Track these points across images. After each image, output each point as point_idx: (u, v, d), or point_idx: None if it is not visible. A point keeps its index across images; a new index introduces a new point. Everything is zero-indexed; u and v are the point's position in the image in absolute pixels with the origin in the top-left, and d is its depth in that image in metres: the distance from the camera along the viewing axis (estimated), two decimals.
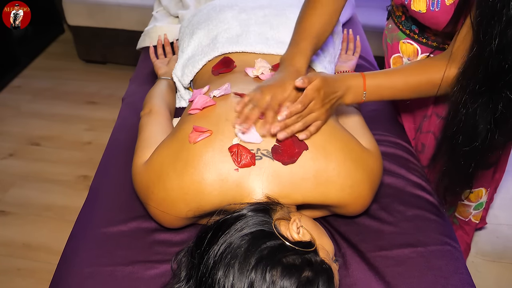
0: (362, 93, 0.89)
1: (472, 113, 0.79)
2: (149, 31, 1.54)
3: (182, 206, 0.85)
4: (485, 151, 0.84)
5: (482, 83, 0.77)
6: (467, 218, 1.33)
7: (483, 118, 0.78)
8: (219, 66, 1.10)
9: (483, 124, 0.79)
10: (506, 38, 0.71)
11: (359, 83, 0.89)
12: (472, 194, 1.25)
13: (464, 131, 0.82)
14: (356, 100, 0.90)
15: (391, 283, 0.87)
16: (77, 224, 1.02)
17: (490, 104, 0.77)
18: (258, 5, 1.28)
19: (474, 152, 0.83)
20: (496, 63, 0.74)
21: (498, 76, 0.74)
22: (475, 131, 0.80)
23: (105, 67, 2.74)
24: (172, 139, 0.90)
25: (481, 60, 0.76)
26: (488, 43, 0.73)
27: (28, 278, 1.60)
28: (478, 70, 0.76)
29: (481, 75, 0.76)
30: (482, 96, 0.77)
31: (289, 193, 0.83)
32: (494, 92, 0.76)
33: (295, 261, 0.69)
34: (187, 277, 0.77)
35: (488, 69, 0.75)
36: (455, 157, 0.86)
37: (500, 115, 0.78)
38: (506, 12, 0.69)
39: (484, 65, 0.75)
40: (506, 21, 0.69)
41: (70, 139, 2.22)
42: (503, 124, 0.80)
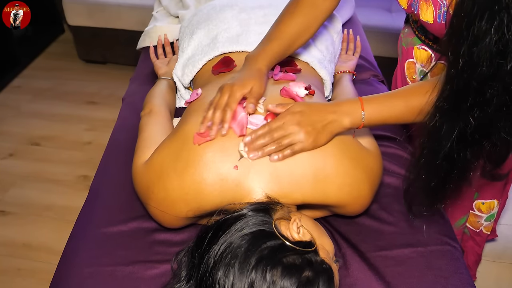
0: (361, 114, 0.84)
1: (437, 128, 0.75)
2: (149, 31, 1.54)
3: (182, 206, 0.85)
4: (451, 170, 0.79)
5: (449, 102, 0.73)
6: (478, 229, 1.32)
7: (447, 135, 0.74)
8: (219, 66, 1.10)
9: (445, 141, 0.75)
10: (471, 58, 0.66)
11: (356, 106, 0.85)
12: (483, 205, 1.24)
13: (428, 145, 0.79)
14: (355, 123, 0.85)
15: (391, 283, 0.87)
16: (77, 224, 1.02)
17: (456, 123, 0.73)
18: (258, 5, 1.28)
19: (436, 169, 0.79)
20: (461, 83, 0.70)
21: (465, 96, 0.70)
22: (437, 146, 0.76)
23: (105, 67, 2.74)
24: (172, 139, 0.90)
25: (448, 79, 0.73)
26: (456, 61, 0.69)
27: (28, 278, 1.60)
28: (446, 88, 0.73)
29: (447, 93, 0.73)
30: (449, 114, 0.74)
31: (289, 192, 0.83)
32: (461, 112, 0.72)
33: (295, 261, 0.69)
34: (188, 277, 0.77)
35: (454, 88, 0.72)
36: (419, 170, 0.83)
37: (469, 136, 0.73)
38: (473, 31, 0.65)
39: (450, 84, 0.72)
40: (472, 41, 0.65)
41: (70, 139, 2.22)
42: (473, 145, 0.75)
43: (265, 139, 0.83)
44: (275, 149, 0.83)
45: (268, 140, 0.83)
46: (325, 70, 1.17)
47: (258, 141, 0.83)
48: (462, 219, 1.29)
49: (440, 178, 0.81)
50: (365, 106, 0.84)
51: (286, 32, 0.97)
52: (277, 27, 0.99)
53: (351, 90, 1.19)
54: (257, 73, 0.92)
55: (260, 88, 0.90)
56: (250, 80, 0.90)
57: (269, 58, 0.95)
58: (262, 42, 0.98)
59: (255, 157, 0.83)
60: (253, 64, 0.94)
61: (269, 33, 0.99)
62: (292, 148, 0.83)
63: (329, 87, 1.20)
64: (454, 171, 0.79)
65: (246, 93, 0.89)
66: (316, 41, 1.24)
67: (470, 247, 1.37)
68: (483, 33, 0.64)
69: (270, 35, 0.98)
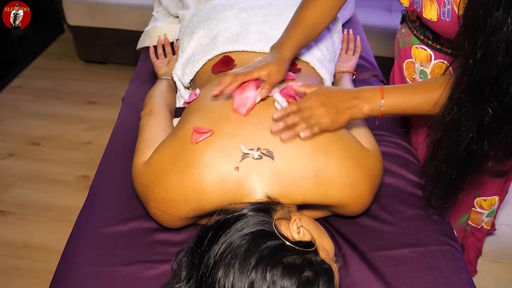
0: (380, 102, 0.86)
1: (457, 120, 0.77)
2: (149, 31, 1.54)
3: (182, 206, 0.85)
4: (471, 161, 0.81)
5: (467, 93, 0.75)
6: (479, 225, 1.32)
7: (466, 127, 0.76)
8: (219, 65, 1.10)
9: (465, 133, 0.76)
10: (490, 48, 0.67)
11: (377, 94, 0.87)
12: (485, 202, 1.24)
13: (448, 138, 0.81)
14: (374, 110, 0.87)
15: (391, 283, 0.87)
16: (77, 224, 1.02)
17: (475, 114, 0.74)
18: (258, 4, 1.28)
19: (457, 160, 0.81)
20: (480, 73, 0.71)
21: (482, 87, 0.71)
22: (457, 139, 0.78)
23: (105, 67, 2.74)
24: (172, 139, 0.90)
25: (465, 70, 0.74)
26: (473, 53, 0.70)
27: (28, 278, 1.60)
28: (463, 79, 0.74)
29: (465, 85, 0.74)
30: (467, 105, 0.75)
31: (290, 192, 0.83)
32: (479, 102, 0.73)
33: (295, 261, 0.69)
34: (188, 277, 0.77)
35: (472, 79, 0.73)
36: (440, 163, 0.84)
37: (487, 126, 0.74)
38: (490, 22, 0.66)
39: (468, 75, 0.73)
40: (490, 31, 0.66)
41: (70, 139, 2.22)
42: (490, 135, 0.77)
43: (296, 118, 0.85)
44: (305, 127, 0.85)
45: (298, 119, 0.85)
46: (325, 70, 1.17)
47: (289, 120, 0.85)
48: (464, 216, 1.29)
49: (461, 170, 0.83)
50: (386, 94, 0.86)
51: (307, 19, 0.99)
52: (298, 15, 1.01)
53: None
54: (278, 60, 0.93)
55: (277, 73, 0.92)
56: (269, 65, 0.91)
57: (293, 45, 0.97)
58: (285, 30, 1.00)
59: (287, 137, 0.84)
60: (276, 52, 0.96)
61: (292, 21, 1.01)
62: (320, 126, 0.85)
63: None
64: (473, 162, 0.81)
65: (264, 75, 0.90)
66: (316, 41, 1.24)
67: (471, 243, 1.37)
68: (500, 23, 0.65)
69: (293, 23, 1.00)
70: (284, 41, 0.98)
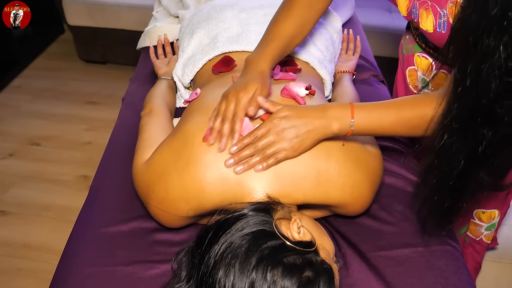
0: (350, 121, 0.81)
1: (447, 148, 0.72)
2: (149, 31, 1.54)
3: (183, 205, 0.85)
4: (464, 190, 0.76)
5: (458, 120, 0.70)
6: (478, 237, 1.29)
7: (458, 155, 0.72)
8: (220, 65, 1.10)
9: (457, 161, 0.72)
10: (479, 76, 0.64)
11: (346, 112, 0.81)
12: (484, 214, 1.22)
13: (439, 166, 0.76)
14: (344, 129, 0.82)
15: (391, 283, 0.87)
16: (77, 224, 1.02)
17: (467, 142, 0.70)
18: (258, 4, 1.28)
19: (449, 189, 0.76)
20: (471, 101, 0.67)
21: (474, 114, 0.67)
22: (449, 167, 0.74)
23: (105, 67, 2.74)
24: (173, 139, 0.90)
25: (455, 97, 0.70)
26: (463, 80, 0.67)
27: (28, 278, 1.60)
28: (453, 106, 0.70)
29: (456, 112, 0.70)
30: (458, 133, 0.71)
31: (290, 192, 0.83)
32: (471, 131, 0.69)
33: (296, 261, 0.69)
34: (188, 277, 0.77)
35: (463, 107, 0.69)
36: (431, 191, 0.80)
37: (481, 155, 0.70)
38: (480, 48, 0.62)
39: (458, 103, 0.69)
40: (480, 58, 0.63)
41: (70, 139, 2.22)
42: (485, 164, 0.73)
43: (250, 150, 0.82)
44: (259, 160, 0.82)
45: (252, 151, 0.82)
46: (325, 70, 1.17)
47: (243, 153, 0.82)
48: (463, 228, 1.28)
49: (454, 199, 0.78)
50: (356, 112, 0.81)
51: (283, 32, 0.96)
52: (273, 28, 0.97)
53: (351, 90, 1.19)
54: (260, 76, 0.90)
55: (263, 90, 0.88)
56: (254, 83, 0.88)
57: (270, 59, 0.93)
58: (260, 44, 0.96)
59: (241, 171, 0.82)
60: (254, 66, 0.92)
61: (267, 34, 0.97)
62: (276, 157, 0.81)
63: (329, 87, 1.20)
64: (467, 190, 0.76)
65: (251, 99, 0.86)
66: (316, 41, 1.24)
67: (469, 254, 1.34)
68: (491, 50, 0.61)
69: (268, 36, 0.97)
70: (261, 56, 0.93)
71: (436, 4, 0.92)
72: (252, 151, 0.82)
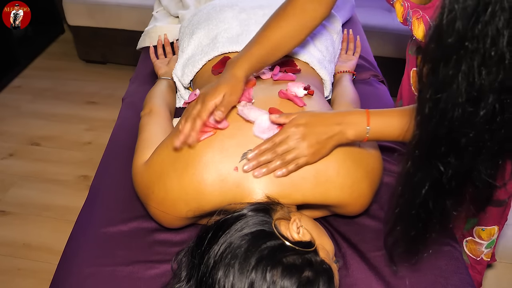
0: (366, 129, 0.82)
1: (410, 176, 0.69)
2: (149, 31, 1.54)
3: (182, 206, 0.85)
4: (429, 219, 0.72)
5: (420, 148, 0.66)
6: (479, 257, 1.25)
7: (420, 184, 0.67)
8: (219, 66, 1.10)
9: (419, 190, 0.68)
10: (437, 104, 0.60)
11: (362, 119, 0.82)
12: (484, 232, 1.18)
13: (403, 195, 0.72)
14: (360, 136, 0.82)
15: (391, 283, 0.87)
16: (77, 224, 1.02)
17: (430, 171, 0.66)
18: (258, 4, 1.28)
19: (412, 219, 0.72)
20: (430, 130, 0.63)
21: (437, 143, 0.63)
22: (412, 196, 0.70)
23: (105, 67, 2.74)
24: (172, 139, 0.89)
25: (416, 124, 0.66)
26: (422, 107, 0.62)
27: (28, 278, 1.60)
28: (416, 133, 0.66)
29: (417, 139, 0.66)
30: (421, 161, 0.67)
31: (289, 193, 0.83)
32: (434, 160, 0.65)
33: (295, 261, 0.69)
34: (188, 277, 0.77)
35: (423, 134, 0.65)
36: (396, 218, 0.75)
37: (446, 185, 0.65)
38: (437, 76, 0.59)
39: (419, 130, 0.65)
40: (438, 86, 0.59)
41: (70, 139, 2.22)
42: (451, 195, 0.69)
43: (270, 155, 0.82)
44: (280, 165, 0.82)
45: (272, 156, 0.82)
46: (325, 70, 1.17)
47: (262, 157, 0.82)
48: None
49: (419, 228, 0.73)
50: (371, 120, 0.82)
51: (271, 38, 0.93)
52: (262, 33, 0.94)
53: (351, 90, 1.19)
54: (232, 80, 0.88)
55: (232, 95, 0.87)
56: (223, 87, 0.86)
57: (248, 64, 0.90)
58: (245, 47, 0.94)
59: (260, 175, 0.82)
60: (230, 69, 0.90)
61: (254, 38, 0.94)
62: (297, 163, 0.81)
63: (329, 87, 1.20)
64: (432, 220, 0.72)
65: (218, 102, 0.85)
66: (316, 41, 1.24)
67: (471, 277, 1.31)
68: (449, 79, 0.57)
69: (254, 40, 0.94)
70: (241, 59, 0.91)
71: (427, 15, 0.92)
72: (272, 156, 0.82)
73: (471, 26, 0.54)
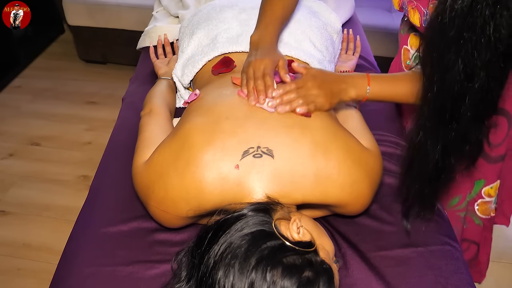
0: (366, 88, 0.94)
1: (423, 143, 0.84)
2: (149, 31, 1.54)
3: (183, 205, 0.85)
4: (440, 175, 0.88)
5: (429, 120, 0.83)
6: (489, 215, 1.31)
7: (433, 148, 0.83)
8: (219, 66, 1.10)
9: (432, 153, 0.84)
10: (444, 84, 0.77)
11: (363, 81, 0.95)
12: (492, 189, 1.25)
13: (418, 159, 0.88)
14: (360, 95, 0.95)
15: (391, 283, 0.87)
16: (77, 224, 1.02)
17: (439, 136, 0.82)
18: (258, 5, 1.27)
19: (428, 177, 0.89)
20: (438, 104, 0.80)
21: (442, 114, 0.80)
22: (426, 159, 0.85)
23: (105, 67, 2.74)
24: (172, 139, 0.90)
25: (425, 102, 0.82)
26: (431, 87, 0.79)
27: (28, 278, 1.60)
28: (424, 109, 0.83)
29: (427, 114, 0.83)
30: (431, 130, 0.83)
31: (289, 192, 0.83)
32: (441, 126, 0.82)
33: (295, 261, 0.69)
34: (188, 277, 0.77)
35: (432, 109, 0.81)
36: (412, 179, 0.91)
37: (452, 145, 0.83)
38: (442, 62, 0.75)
39: (428, 106, 0.82)
40: (443, 70, 0.76)
41: (70, 139, 2.22)
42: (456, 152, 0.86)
43: (293, 94, 0.90)
44: (302, 103, 0.90)
45: (295, 96, 0.90)
46: None
47: (286, 96, 0.90)
48: (454, 199, 1.29)
49: (432, 185, 0.91)
50: (371, 82, 0.95)
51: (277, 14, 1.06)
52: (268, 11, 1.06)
53: None
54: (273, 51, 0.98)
55: (284, 60, 0.97)
56: (274, 52, 0.97)
57: (275, 40, 1.03)
58: (261, 26, 1.03)
59: (283, 110, 0.89)
60: (264, 43, 0.99)
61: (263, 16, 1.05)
62: (315, 104, 0.91)
63: None
64: (442, 176, 0.89)
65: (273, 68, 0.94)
66: (316, 42, 1.24)
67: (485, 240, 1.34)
68: (452, 63, 0.74)
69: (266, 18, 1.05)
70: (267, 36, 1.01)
71: (421, 4, 1.02)
72: (295, 95, 0.90)
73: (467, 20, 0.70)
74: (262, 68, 0.93)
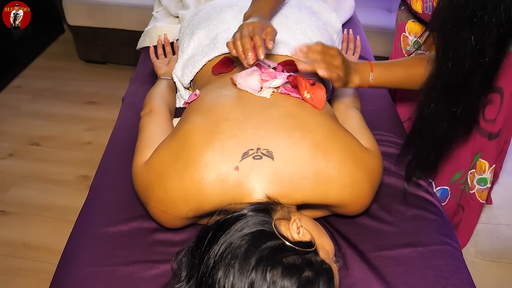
0: (369, 75, 0.98)
1: (434, 114, 0.93)
2: (149, 31, 1.54)
3: (182, 205, 0.85)
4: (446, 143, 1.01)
5: (441, 92, 0.91)
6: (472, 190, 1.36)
7: (442, 118, 0.93)
8: (219, 66, 1.10)
9: (441, 123, 0.94)
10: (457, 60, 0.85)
11: (367, 68, 0.99)
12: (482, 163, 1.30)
13: (427, 128, 0.97)
14: (364, 81, 0.98)
15: (391, 283, 0.87)
16: (77, 224, 1.02)
17: (448, 107, 0.91)
18: None
19: (435, 144, 1.00)
20: (451, 78, 0.88)
21: (453, 87, 0.89)
22: (435, 128, 0.95)
23: (105, 67, 2.74)
24: (172, 139, 0.90)
25: (439, 75, 0.90)
26: (446, 63, 0.87)
27: (28, 278, 1.60)
28: (438, 82, 0.90)
29: (439, 87, 0.90)
30: (442, 102, 0.92)
31: (289, 192, 0.83)
32: (451, 98, 0.91)
33: (295, 261, 0.69)
34: (188, 277, 0.77)
35: (445, 82, 0.89)
36: (421, 147, 1.01)
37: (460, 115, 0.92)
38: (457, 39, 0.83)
39: (442, 80, 0.89)
40: (458, 47, 0.84)
41: (70, 139, 2.22)
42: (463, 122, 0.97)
43: (318, 56, 0.90)
44: (326, 66, 0.89)
45: (320, 57, 0.90)
46: None
47: (311, 55, 0.89)
48: (457, 174, 1.31)
49: (438, 152, 1.04)
50: (374, 68, 0.99)
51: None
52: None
53: (350, 90, 1.19)
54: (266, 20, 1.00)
55: (273, 28, 0.95)
56: (264, 21, 0.97)
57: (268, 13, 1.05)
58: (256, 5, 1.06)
59: (304, 68, 0.89)
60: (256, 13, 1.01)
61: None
62: (337, 73, 0.91)
63: (329, 87, 1.20)
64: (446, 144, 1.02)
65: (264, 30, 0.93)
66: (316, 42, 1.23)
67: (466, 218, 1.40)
68: (465, 40, 0.83)
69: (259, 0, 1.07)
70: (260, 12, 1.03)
71: None
72: (320, 57, 0.89)
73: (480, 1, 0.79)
74: (251, 28, 0.93)
